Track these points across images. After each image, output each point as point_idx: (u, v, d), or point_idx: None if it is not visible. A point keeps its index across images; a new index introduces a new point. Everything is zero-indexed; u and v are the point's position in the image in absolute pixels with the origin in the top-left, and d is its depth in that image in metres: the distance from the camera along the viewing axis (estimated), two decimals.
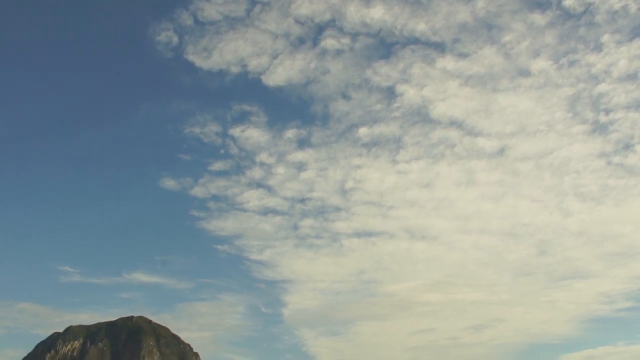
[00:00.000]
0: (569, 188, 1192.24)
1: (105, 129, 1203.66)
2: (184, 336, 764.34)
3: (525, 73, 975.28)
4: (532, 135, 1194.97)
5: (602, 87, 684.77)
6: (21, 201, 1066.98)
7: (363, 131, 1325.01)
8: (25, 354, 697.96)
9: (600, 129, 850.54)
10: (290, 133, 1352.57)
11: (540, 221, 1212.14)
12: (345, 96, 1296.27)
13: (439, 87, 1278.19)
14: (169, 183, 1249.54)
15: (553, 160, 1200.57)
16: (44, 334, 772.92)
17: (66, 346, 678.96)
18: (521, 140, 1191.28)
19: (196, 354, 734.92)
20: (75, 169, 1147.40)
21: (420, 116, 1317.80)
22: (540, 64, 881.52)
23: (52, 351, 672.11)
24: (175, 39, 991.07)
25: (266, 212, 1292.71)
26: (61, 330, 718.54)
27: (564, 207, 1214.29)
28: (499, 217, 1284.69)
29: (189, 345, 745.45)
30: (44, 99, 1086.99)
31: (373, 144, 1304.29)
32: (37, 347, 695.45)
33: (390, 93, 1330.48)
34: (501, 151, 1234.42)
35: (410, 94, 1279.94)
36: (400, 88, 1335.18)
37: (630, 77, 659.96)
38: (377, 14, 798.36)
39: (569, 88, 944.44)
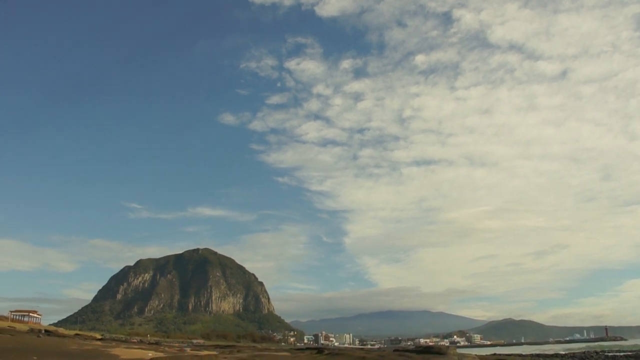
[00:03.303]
0: (635, 111, 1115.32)
1: (162, 68, 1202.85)
2: (248, 266, 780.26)
3: None
4: (595, 56, 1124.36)
5: None
6: (86, 146, 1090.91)
7: (420, 59, 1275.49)
8: (100, 287, 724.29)
9: None
10: (346, 63, 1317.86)
11: (604, 145, 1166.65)
12: (401, 24, 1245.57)
13: (497, 10, 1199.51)
14: (228, 118, 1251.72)
15: (618, 83, 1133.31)
16: (116, 267, 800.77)
17: (137, 278, 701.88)
18: (584, 63, 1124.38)
19: (261, 283, 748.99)
20: (136, 110, 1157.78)
21: (478, 41, 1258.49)
22: None
23: (125, 283, 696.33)
24: None
25: (325, 143, 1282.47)
26: (132, 263, 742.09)
27: (630, 130, 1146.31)
28: (561, 142, 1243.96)
29: (253, 274, 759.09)
30: (97, 45, 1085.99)
31: (430, 71, 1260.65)
32: (110, 280, 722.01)
33: (446, 18, 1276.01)
34: (563, 74, 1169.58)
35: (467, 18, 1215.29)
36: (457, 13, 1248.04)
37: None
38: None
39: (637, 5, 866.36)
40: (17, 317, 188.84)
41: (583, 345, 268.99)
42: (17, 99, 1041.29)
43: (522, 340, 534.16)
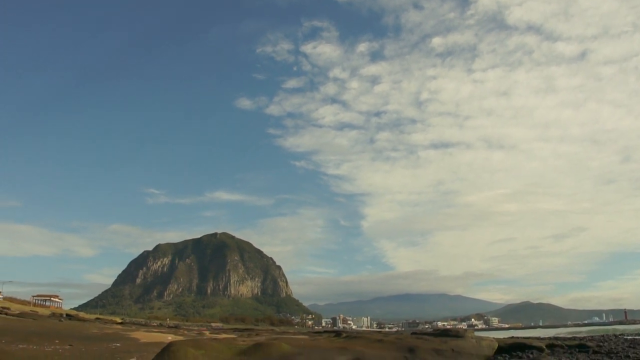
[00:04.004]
0: None
1: (179, 53, 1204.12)
2: (266, 250, 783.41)
3: None
4: (616, 37, 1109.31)
5: None
6: (104, 131, 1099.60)
7: (437, 41, 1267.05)
8: (120, 272, 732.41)
9: None
10: (362, 47, 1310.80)
11: (625, 126, 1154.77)
12: (417, 6, 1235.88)
13: None
14: (245, 103, 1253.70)
15: (639, 63, 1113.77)
16: (136, 252, 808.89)
17: (156, 263, 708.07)
18: (604, 43, 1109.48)
19: (279, 267, 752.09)
20: (153, 95, 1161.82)
21: (496, 22, 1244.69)
22: None
23: (144, 268, 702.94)
24: None
25: (342, 127, 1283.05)
26: (151, 248, 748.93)
27: None
28: (580, 124, 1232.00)
29: (271, 258, 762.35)
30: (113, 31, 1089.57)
31: (447, 54, 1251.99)
32: (129, 264, 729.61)
33: (463, 0, 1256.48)
34: (582, 55, 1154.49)
35: None
36: None
37: None
38: None
39: None
40: (39, 301, 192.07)
41: (602, 328, 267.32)
42: (33, 85, 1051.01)
43: (540, 324, 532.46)
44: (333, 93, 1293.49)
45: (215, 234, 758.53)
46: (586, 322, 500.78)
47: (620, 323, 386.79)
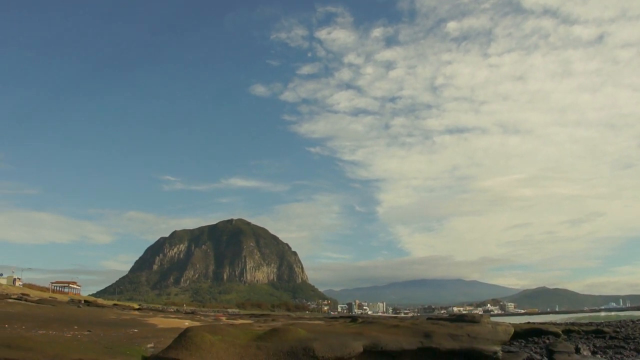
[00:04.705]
0: None
1: (193, 40, 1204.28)
2: (282, 236, 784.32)
3: None
4: (634, 19, 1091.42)
5: None
6: (119, 118, 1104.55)
7: (452, 25, 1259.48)
8: (137, 258, 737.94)
9: None
10: (377, 32, 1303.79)
11: None
12: None
13: None
14: (259, 89, 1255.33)
15: None
16: (152, 239, 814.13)
17: (172, 249, 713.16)
18: (622, 26, 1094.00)
19: (295, 253, 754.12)
20: (168, 82, 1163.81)
21: (512, 6, 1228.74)
22: None
23: (160, 254, 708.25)
24: None
25: (357, 112, 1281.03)
26: (167, 235, 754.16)
27: None
28: (597, 108, 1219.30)
29: (287, 244, 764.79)
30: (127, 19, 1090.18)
31: (463, 38, 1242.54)
32: (146, 251, 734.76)
33: None
34: (599, 39, 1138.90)
35: None
36: None
37: None
38: None
39: None
40: (58, 288, 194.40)
41: (619, 314, 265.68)
42: (49, 73, 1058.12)
43: (557, 309, 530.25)
44: (348, 79, 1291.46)
45: (231, 220, 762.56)
46: (603, 307, 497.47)
47: (638, 309, 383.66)
